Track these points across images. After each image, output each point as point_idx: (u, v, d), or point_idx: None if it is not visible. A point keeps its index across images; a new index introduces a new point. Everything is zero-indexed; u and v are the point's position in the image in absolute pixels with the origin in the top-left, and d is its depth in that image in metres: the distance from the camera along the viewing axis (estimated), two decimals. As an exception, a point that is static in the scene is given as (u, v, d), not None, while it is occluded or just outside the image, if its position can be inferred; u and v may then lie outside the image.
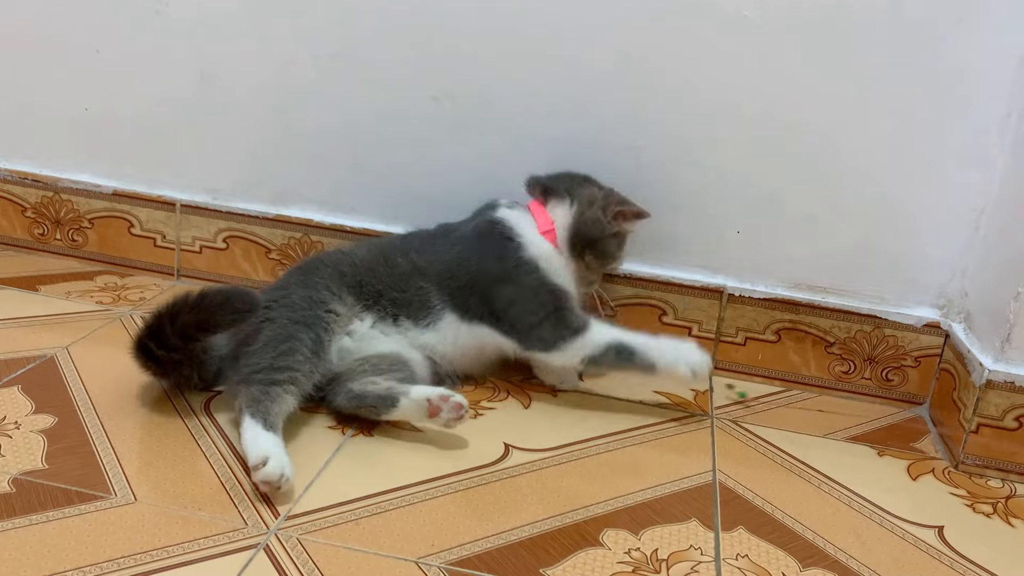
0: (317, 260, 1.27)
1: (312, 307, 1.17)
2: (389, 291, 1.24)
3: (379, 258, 1.26)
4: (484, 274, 1.23)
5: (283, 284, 1.24)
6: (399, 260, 1.26)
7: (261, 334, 1.14)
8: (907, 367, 1.36)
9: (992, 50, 1.22)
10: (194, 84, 1.48)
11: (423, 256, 1.26)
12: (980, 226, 1.29)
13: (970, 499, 1.14)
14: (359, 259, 1.26)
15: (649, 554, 0.95)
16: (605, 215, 1.26)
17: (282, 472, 0.98)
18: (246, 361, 1.12)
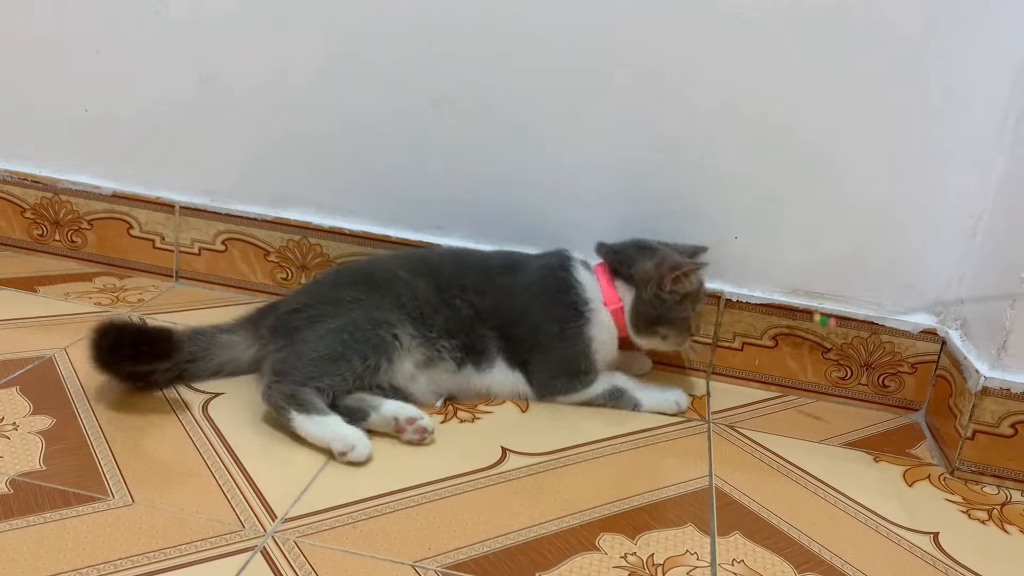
0: (371, 277, 1.25)
1: (375, 328, 1.18)
2: (457, 334, 1.24)
3: (436, 295, 1.24)
4: (543, 332, 1.25)
5: (332, 296, 1.22)
6: (457, 302, 1.24)
7: (312, 341, 1.16)
8: (904, 373, 1.36)
9: (991, 54, 1.22)
10: (193, 85, 1.48)
11: (484, 299, 1.25)
12: (977, 233, 1.30)
13: (965, 505, 1.14)
14: (420, 293, 1.23)
15: (645, 559, 0.95)
16: (663, 289, 1.24)
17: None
18: (296, 363, 1.14)
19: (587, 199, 1.40)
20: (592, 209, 1.40)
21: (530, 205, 1.42)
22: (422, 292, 1.24)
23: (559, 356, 1.26)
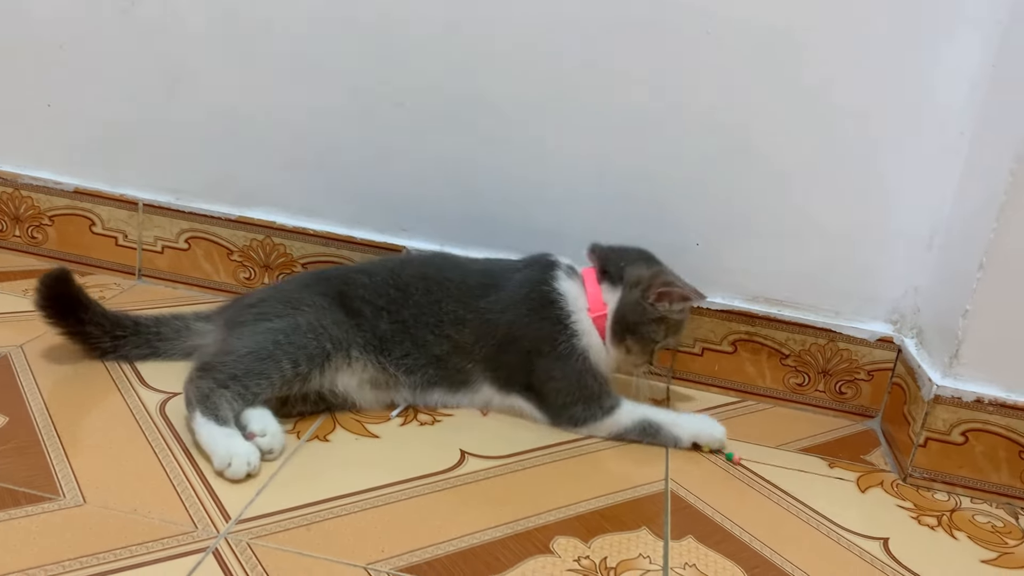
0: (343, 294, 1.22)
1: (317, 337, 1.15)
2: (420, 370, 1.22)
3: (402, 332, 1.21)
4: (534, 352, 1.21)
5: (292, 297, 1.20)
6: (430, 338, 1.21)
7: (248, 337, 1.14)
8: (860, 380, 1.38)
9: (946, 71, 1.24)
10: (159, 83, 1.47)
11: (463, 332, 1.21)
12: (933, 244, 1.32)
13: (916, 512, 1.16)
14: (382, 331, 1.20)
15: (598, 562, 0.96)
16: (645, 298, 1.20)
17: (245, 470, 1.03)
18: (223, 358, 1.12)
19: (553, 204, 1.40)
20: (557, 213, 1.40)
21: (495, 208, 1.42)
22: (383, 329, 1.20)
23: (563, 377, 1.20)
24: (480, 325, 1.21)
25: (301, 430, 1.15)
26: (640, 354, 1.23)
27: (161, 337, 1.27)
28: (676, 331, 1.24)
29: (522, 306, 1.22)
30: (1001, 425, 1.19)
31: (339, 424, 1.18)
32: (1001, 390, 1.19)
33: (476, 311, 1.22)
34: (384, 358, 1.20)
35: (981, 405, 1.18)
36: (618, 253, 1.25)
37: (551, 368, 1.20)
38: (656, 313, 1.20)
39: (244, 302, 1.24)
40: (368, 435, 1.16)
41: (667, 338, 1.23)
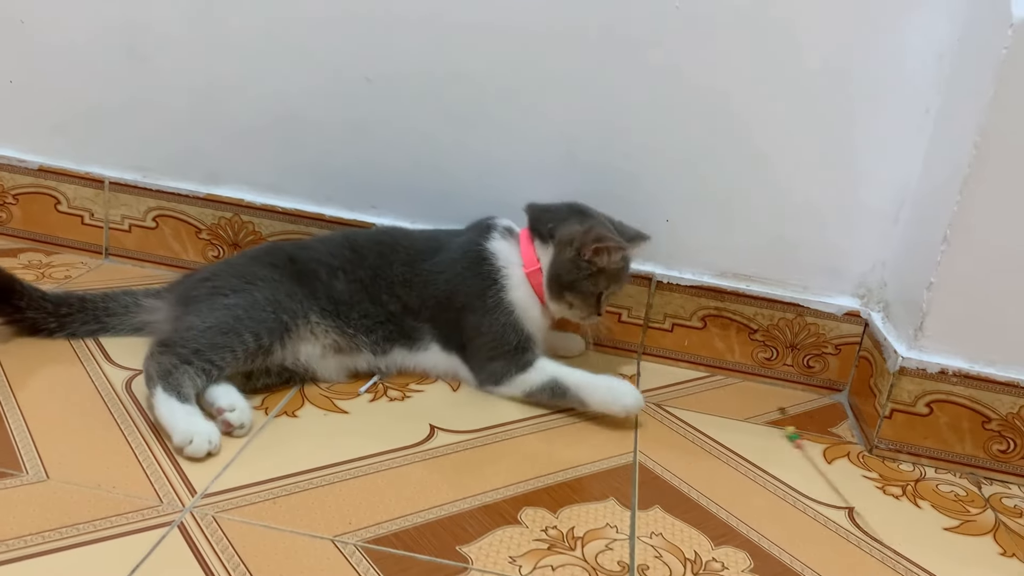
0: (293, 262, 1.22)
1: (276, 310, 1.15)
2: (378, 328, 1.23)
3: (360, 291, 1.23)
4: (467, 308, 1.23)
5: (244, 271, 1.20)
6: (384, 297, 1.23)
7: (207, 313, 1.13)
8: (828, 354, 1.40)
9: (912, 49, 1.25)
10: (124, 60, 1.45)
11: (411, 292, 1.24)
12: (899, 219, 1.33)
13: (881, 482, 1.18)
14: (336, 291, 1.22)
15: (566, 532, 0.97)
16: (581, 255, 1.20)
17: (206, 448, 1.02)
18: (184, 334, 1.11)
19: (524, 179, 1.40)
20: (529, 189, 1.39)
21: (466, 184, 1.42)
22: (339, 290, 1.22)
23: (488, 331, 1.22)
24: (424, 286, 1.24)
25: (269, 406, 1.15)
26: (583, 307, 1.24)
27: (109, 312, 1.27)
28: (617, 279, 1.25)
29: (458, 264, 1.24)
30: (965, 396, 1.20)
31: (308, 400, 1.17)
32: (964, 361, 1.20)
33: (420, 272, 1.25)
34: (343, 320, 1.21)
35: (945, 376, 1.20)
36: (551, 211, 1.26)
37: (479, 323, 1.22)
38: (593, 267, 1.21)
39: (196, 277, 1.23)
40: (337, 411, 1.16)
41: (609, 287, 1.24)
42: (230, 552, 0.86)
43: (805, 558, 0.98)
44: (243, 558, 0.86)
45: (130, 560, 0.84)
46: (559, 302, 1.24)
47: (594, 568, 0.91)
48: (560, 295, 1.23)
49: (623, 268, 1.25)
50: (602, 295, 1.24)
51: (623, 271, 1.26)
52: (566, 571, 0.90)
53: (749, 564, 0.96)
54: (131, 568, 0.83)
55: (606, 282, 1.23)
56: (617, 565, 0.93)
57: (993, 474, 1.22)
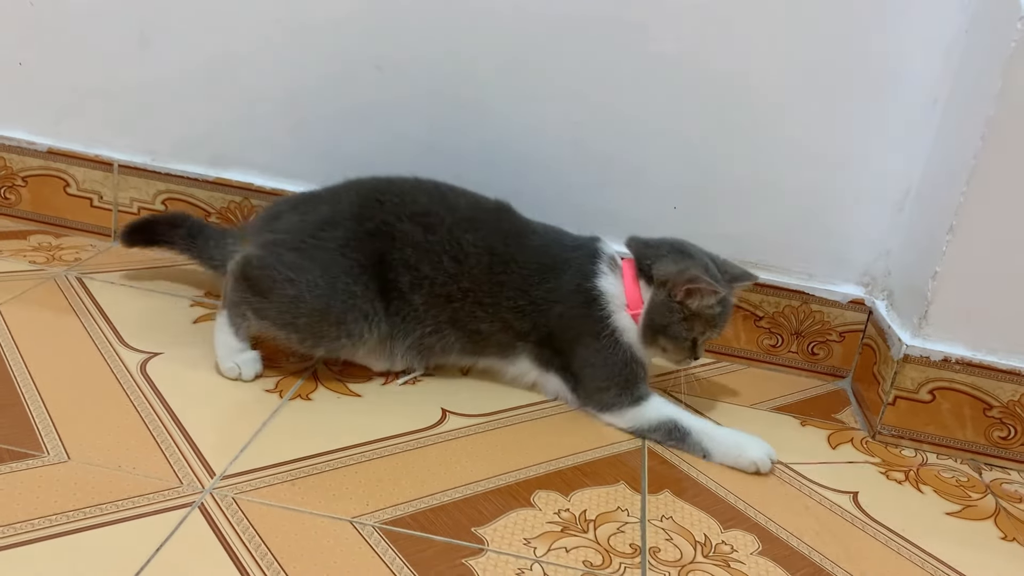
0: (381, 257, 1.17)
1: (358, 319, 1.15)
2: (449, 343, 1.21)
3: (442, 310, 1.18)
4: (577, 341, 1.18)
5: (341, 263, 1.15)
6: (479, 314, 1.18)
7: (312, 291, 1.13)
8: (832, 341, 1.42)
9: (922, 40, 1.26)
10: (134, 42, 1.45)
11: (521, 320, 1.19)
12: (904, 208, 1.35)
13: (884, 467, 1.20)
14: (414, 305, 1.18)
15: (578, 514, 0.99)
16: (672, 297, 1.14)
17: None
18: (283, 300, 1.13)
19: (529, 169, 1.41)
20: (534, 178, 1.41)
21: (475, 172, 1.42)
22: (416, 302, 1.18)
23: (602, 364, 1.17)
24: (536, 314, 1.19)
25: (283, 389, 1.16)
26: (676, 351, 1.18)
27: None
28: (714, 324, 1.17)
29: (571, 299, 1.18)
30: (967, 383, 1.22)
31: (321, 383, 1.19)
32: (967, 349, 1.22)
33: (534, 300, 1.18)
34: (400, 340, 1.19)
35: (948, 364, 1.22)
36: (651, 247, 1.19)
37: (591, 356, 1.18)
38: (687, 311, 1.14)
39: (298, 232, 1.17)
40: (350, 394, 1.18)
41: (705, 332, 1.17)
42: (251, 533, 0.88)
43: (812, 541, 1.00)
44: (264, 539, 0.87)
45: (153, 540, 0.85)
46: (652, 346, 1.17)
47: (607, 550, 0.93)
48: (653, 339, 1.16)
49: (721, 313, 1.17)
50: (697, 340, 1.17)
51: (721, 316, 1.17)
52: (579, 553, 0.92)
53: (758, 547, 0.98)
54: (155, 548, 0.84)
55: (702, 327, 1.16)
56: (629, 547, 0.94)
57: (994, 460, 1.24)
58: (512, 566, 0.89)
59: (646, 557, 0.93)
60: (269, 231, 1.19)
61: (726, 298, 1.17)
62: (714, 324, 1.17)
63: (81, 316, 1.27)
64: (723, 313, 1.18)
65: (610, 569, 0.91)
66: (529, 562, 0.90)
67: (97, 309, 1.29)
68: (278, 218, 1.22)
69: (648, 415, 1.17)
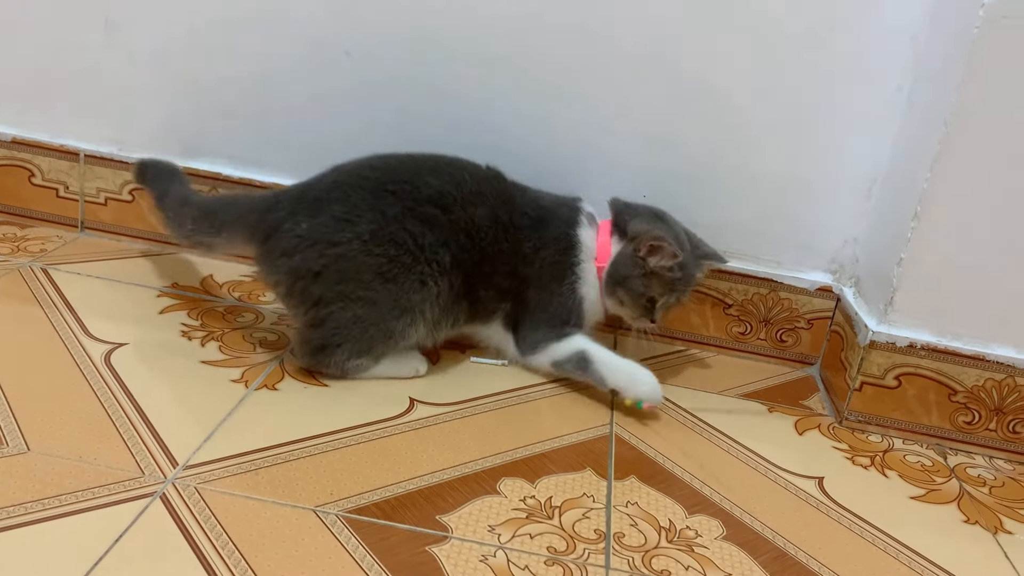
0: (420, 250, 1.16)
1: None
2: (458, 315, 1.24)
3: (463, 296, 1.22)
4: (539, 286, 1.24)
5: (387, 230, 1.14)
6: (481, 289, 1.22)
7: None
8: (800, 329, 1.42)
9: (886, 28, 1.27)
10: (99, 29, 1.43)
11: (512, 279, 1.23)
12: (871, 195, 1.35)
13: (851, 452, 1.21)
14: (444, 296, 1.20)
15: (543, 501, 0.99)
16: (636, 251, 1.20)
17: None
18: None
19: (501, 156, 1.39)
20: (506, 165, 1.39)
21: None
22: (443, 291, 1.19)
23: (549, 309, 1.24)
24: (524, 266, 1.24)
25: (249, 379, 1.15)
26: (632, 307, 1.23)
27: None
28: (672, 288, 1.22)
29: (554, 245, 1.24)
30: (932, 369, 1.23)
31: (288, 373, 1.18)
32: (932, 335, 1.23)
33: (524, 254, 1.23)
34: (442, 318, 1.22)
35: (914, 350, 1.23)
36: (632, 209, 1.26)
37: (546, 298, 1.24)
38: (646, 267, 1.20)
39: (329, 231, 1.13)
40: (317, 384, 1.17)
41: (663, 296, 1.23)
42: (212, 522, 0.87)
43: (776, 525, 1.01)
44: (225, 528, 0.87)
45: (113, 531, 0.84)
46: (611, 296, 1.24)
47: (571, 536, 0.94)
48: (613, 290, 1.23)
49: (679, 279, 1.22)
50: (655, 301, 1.23)
51: (679, 281, 1.22)
52: (544, 539, 0.92)
53: (722, 532, 0.98)
54: (114, 538, 0.83)
55: (660, 288, 1.22)
56: (594, 533, 0.95)
57: (958, 445, 1.26)
58: (476, 552, 0.89)
59: (610, 542, 0.94)
60: (290, 253, 1.13)
61: (687, 267, 1.23)
62: (672, 288, 1.23)
63: (45, 307, 1.25)
64: (682, 280, 1.23)
65: (574, 555, 0.91)
66: (493, 548, 0.90)
67: (62, 300, 1.28)
68: (285, 231, 1.14)
69: (564, 348, 1.23)
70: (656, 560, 0.92)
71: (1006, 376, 1.22)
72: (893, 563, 0.98)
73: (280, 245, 1.13)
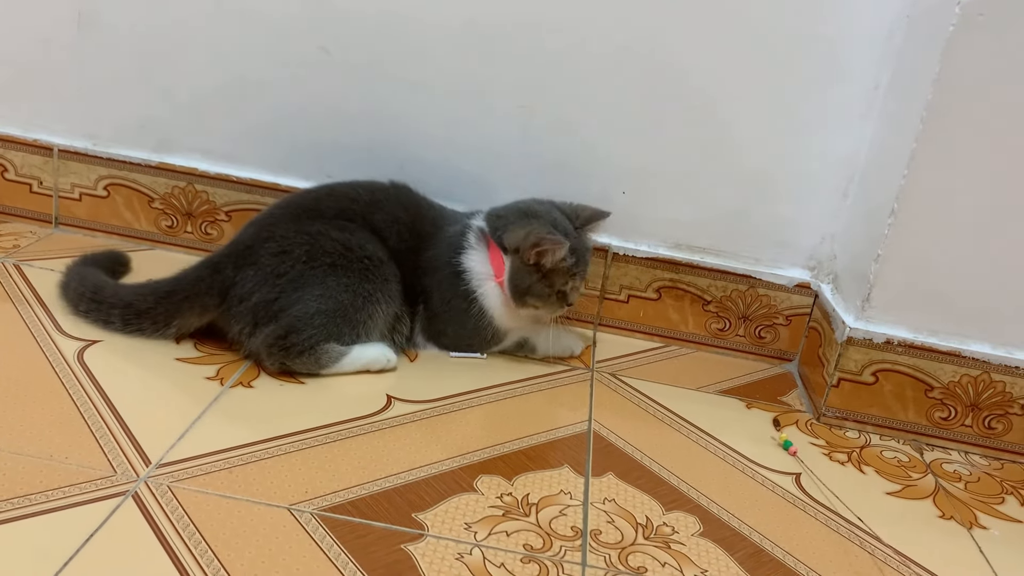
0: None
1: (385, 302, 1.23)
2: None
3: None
4: (446, 307, 1.27)
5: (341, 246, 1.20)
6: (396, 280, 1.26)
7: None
8: (779, 325, 1.43)
9: (863, 25, 1.27)
10: (72, 23, 1.41)
11: (419, 278, 1.27)
12: (849, 193, 1.36)
13: (828, 448, 1.21)
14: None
15: (520, 498, 0.98)
16: (525, 261, 1.21)
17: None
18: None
19: (478, 152, 1.40)
20: (482, 161, 1.40)
21: (420, 155, 1.41)
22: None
23: (468, 328, 1.27)
24: (424, 276, 1.27)
25: (225, 376, 1.14)
26: (547, 306, 1.25)
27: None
28: (574, 273, 1.24)
29: (444, 269, 1.26)
30: (908, 365, 1.24)
31: (264, 371, 1.17)
32: (909, 332, 1.24)
33: (421, 264, 1.27)
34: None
35: (891, 346, 1.23)
36: (502, 218, 1.26)
37: (461, 322, 1.27)
38: (542, 270, 1.22)
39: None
40: (294, 381, 1.16)
41: (568, 282, 1.24)
42: (185, 521, 0.87)
43: (752, 522, 1.01)
44: (198, 527, 0.86)
45: (83, 530, 0.83)
46: (525, 307, 1.25)
47: (548, 533, 0.93)
48: (523, 301, 1.24)
49: (576, 262, 1.24)
50: (565, 291, 1.25)
51: (577, 264, 1.24)
52: (520, 537, 0.92)
53: (699, 528, 0.98)
54: (84, 538, 0.82)
55: (563, 278, 1.23)
56: (571, 530, 0.94)
57: (935, 440, 1.26)
58: (452, 550, 0.88)
59: (587, 540, 0.93)
60: (247, 297, 1.17)
61: (577, 248, 1.24)
62: (574, 274, 1.24)
63: (17, 303, 1.24)
64: (579, 261, 1.25)
65: (551, 552, 0.91)
66: (469, 546, 0.89)
67: (35, 296, 1.26)
68: (238, 282, 1.18)
69: (507, 343, 1.31)
70: (633, 557, 0.92)
71: (982, 372, 1.23)
72: (869, 559, 0.98)
73: (237, 294, 1.17)
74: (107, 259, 1.35)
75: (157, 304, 1.18)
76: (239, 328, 1.17)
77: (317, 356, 1.16)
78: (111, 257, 1.37)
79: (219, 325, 1.20)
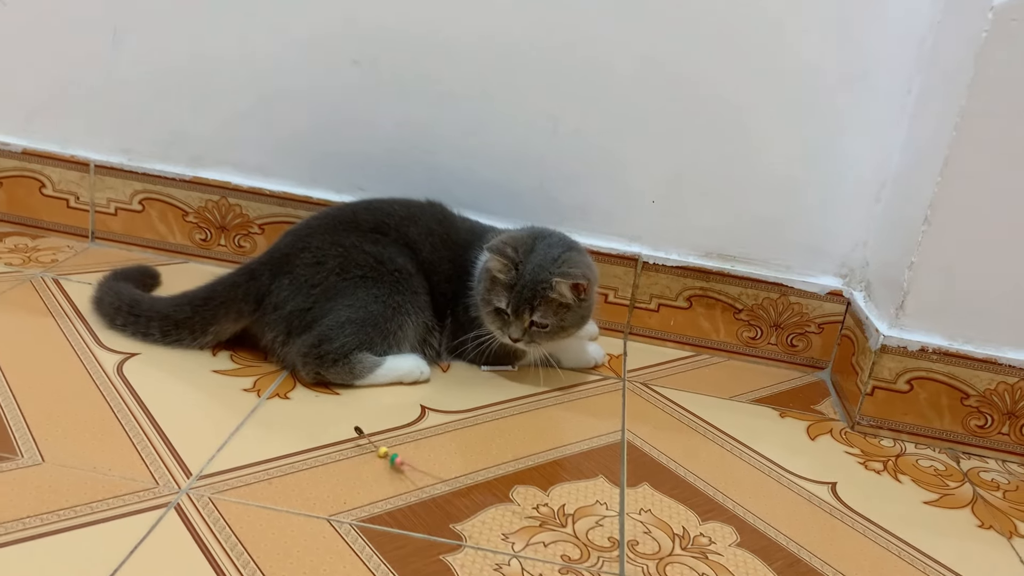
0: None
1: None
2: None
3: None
4: (472, 327, 1.27)
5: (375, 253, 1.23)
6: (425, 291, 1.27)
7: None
8: (811, 333, 1.42)
9: (895, 31, 1.27)
10: (108, 41, 1.44)
11: (450, 284, 1.29)
12: (881, 199, 1.35)
13: (863, 457, 1.20)
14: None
15: (556, 509, 0.99)
16: (478, 292, 1.24)
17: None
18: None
19: (506, 162, 1.41)
20: (510, 170, 1.41)
21: (451, 166, 1.42)
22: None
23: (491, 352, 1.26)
24: (457, 281, 1.29)
25: (262, 388, 1.16)
26: (489, 322, 1.23)
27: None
28: (507, 294, 1.20)
29: (470, 283, 1.27)
30: (944, 373, 1.23)
31: (299, 382, 1.18)
32: (944, 339, 1.23)
33: (460, 267, 1.28)
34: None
35: (925, 354, 1.23)
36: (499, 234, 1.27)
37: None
38: (492, 280, 1.22)
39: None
40: (329, 392, 1.17)
41: (503, 300, 1.20)
42: (227, 532, 0.88)
43: (789, 532, 1.00)
44: (240, 538, 0.87)
45: (128, 541, 0.85)
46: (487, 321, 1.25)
47: (585, 544, 0.93)
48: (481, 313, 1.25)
49: (513, 286, 1.19)
50: (499, 307, 1.21)
51: (515, 287, 1.19)
52: (558, 547, 0.92)
53: (736, 539, 0.98)
54: (129, 549, 0.84)
55: (498, 294, 1.20)
56: (607, 541, 0.95)
57: (971, 449, 1.25)
58: (490, 561, 0.89)
59: (624, 550, 0.94)
60: (281, 305, 1.20)
61: (525, 273, 1.19)
62: (507, 298, 1.20)
63: (57, 317, 1.26)
64: (517, 286, 1.19)
65: (588, 563, 0.91)
66: (507, 557, 0.90)
67: (74, 310, 1.29)
68: (273, 291, 1.21)
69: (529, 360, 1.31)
70: (670, 568, 0.92)
71: (1019, 379, 1.21)
72: (908, 568, 0.97)
73: (272, 302, 1.19)
74: (138, 273, 1.37)
75: (194, 313, 1.20)
76: (272, 336, 1.19)
77: (351, 366, 1.17)
78: (142, 271, 1.39)
79: (252, 332, 1.22)
